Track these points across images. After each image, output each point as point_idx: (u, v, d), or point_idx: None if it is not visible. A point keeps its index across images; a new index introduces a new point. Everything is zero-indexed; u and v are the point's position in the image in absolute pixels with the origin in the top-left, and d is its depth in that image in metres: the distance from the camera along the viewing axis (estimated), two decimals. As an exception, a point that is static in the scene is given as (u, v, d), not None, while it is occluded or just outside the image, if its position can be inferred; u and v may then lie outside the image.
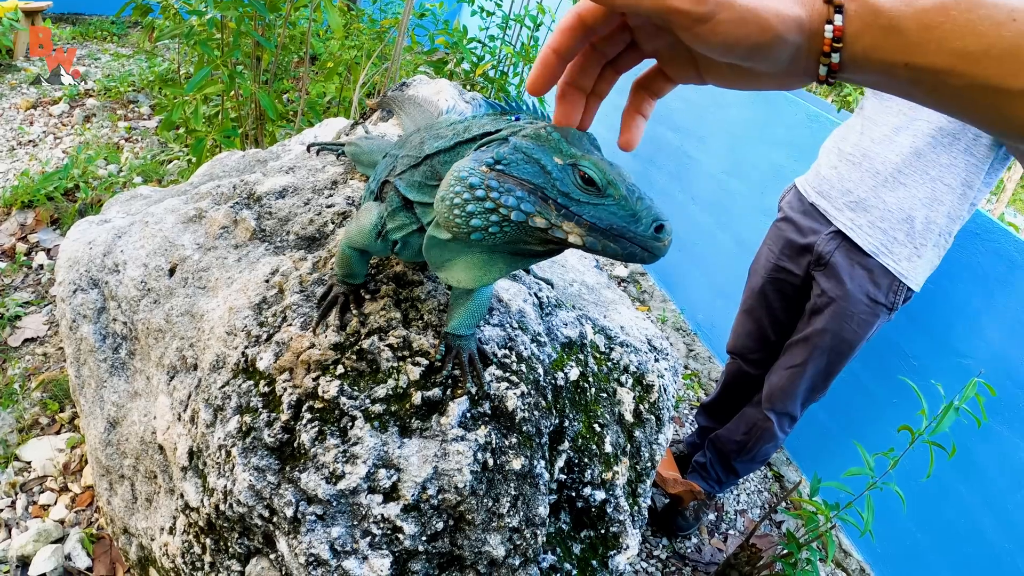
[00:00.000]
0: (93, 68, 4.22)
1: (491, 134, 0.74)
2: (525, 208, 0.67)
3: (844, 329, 1.81)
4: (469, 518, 0.94)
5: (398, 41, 2.41)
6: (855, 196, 1.77)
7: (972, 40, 0.44)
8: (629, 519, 1.23)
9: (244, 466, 1.00)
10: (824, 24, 0.49)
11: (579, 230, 0.66)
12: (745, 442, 2.07)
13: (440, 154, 0.81)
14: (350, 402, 0.94)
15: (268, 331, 1.06)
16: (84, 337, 1.57)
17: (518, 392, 0.98)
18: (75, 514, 1.85)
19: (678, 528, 2.19)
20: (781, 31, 0.49)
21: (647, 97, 0.63)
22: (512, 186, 0.68)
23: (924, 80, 0.47)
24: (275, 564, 1.06)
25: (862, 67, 0.50)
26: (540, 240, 0.69)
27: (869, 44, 0.48)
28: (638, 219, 0.64)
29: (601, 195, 0.65)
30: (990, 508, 1.95)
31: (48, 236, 2.78)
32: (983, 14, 0.44)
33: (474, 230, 0.69)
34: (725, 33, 0.49)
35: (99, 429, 1.57)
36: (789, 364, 1.94)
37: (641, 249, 0.64)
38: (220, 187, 1.44)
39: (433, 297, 1.03)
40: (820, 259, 1.85)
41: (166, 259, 1.39)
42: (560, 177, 0.66)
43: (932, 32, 0.46)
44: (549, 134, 0.68)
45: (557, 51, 0.56)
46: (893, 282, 1.75)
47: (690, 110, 3.32)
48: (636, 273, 3.63)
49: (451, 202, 0.70)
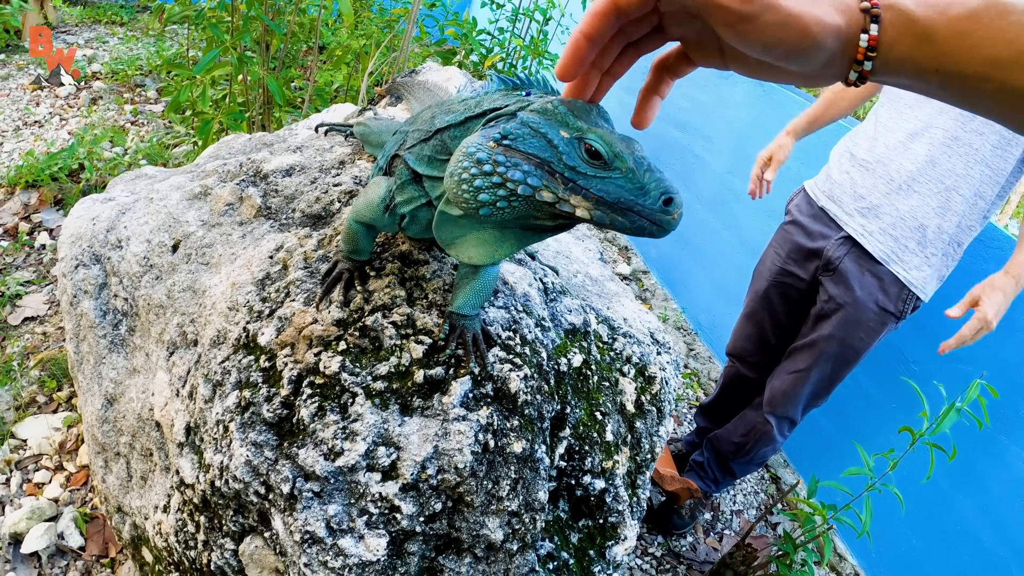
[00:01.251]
0: (101, 51, 4.22)
1: (501, 109, 0.74)
2: (532, 182, 0.66)
3: (851, 336, 1.78)
4: (468, 500, 0.93)
5: (407, 31, 2.40)
6: (867, 202, 1.75)
7: (1003, 47, 0.45)
8: (628, 510, 1.22)
9: (242, 441, 0.99)
10: (860, 33, 0.49)
11: (586, 204, 0.65)
12: (743, 444, 2.06)
13: (450, 128, 0.80)
14: (351, 378, 0.93)
15: (271, 306, 1.05)
16: (84, 313, 1.56)
17: (521, 375, 0.97)
18: (69, 493, 1.84)
19: (674, 527, 2.18)
20: (820, 38, 0.49)
21: (667, 78, 0.62)
22: (519, 160, 0.67)
23: (954, 85, 0.48)
24: (269, 543, 1.05)
25: (894, 72, 0.51)
26: (549, 215, 0.68)
27: (903, 52, 0.49)
28: (646, 192, 0.63)
29: (608, 168, 0.65)
30: (987, 516, 1.94)
31: (51, 216, 2.77)
32: (1013, 20, 0.45)
33: (482, 205, 0.69)
34: (767, 35, 0.49)
35: (96, 406, 1.56)
36: (792, 369, 1.92)
37: (649, 223, 0.63)
38: (226, 165, 1.44)
39: (439, 276, 1.02)
40: (829, 264, 1.82)
41: (170, 235, 1.38)
42: (566, 151, 0.66)
43: (964, 40, 0.46)
44: (556, 108, 0.67)
45: (589, 36, 0.56)
46: (903, 290, 1.73)
47: (696, 109, 3.31)
48: (639, 271, 3.63)
49: (459, 177, 0.70)
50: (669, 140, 3.50)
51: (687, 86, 3.37)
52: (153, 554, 1.43)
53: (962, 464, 1.98)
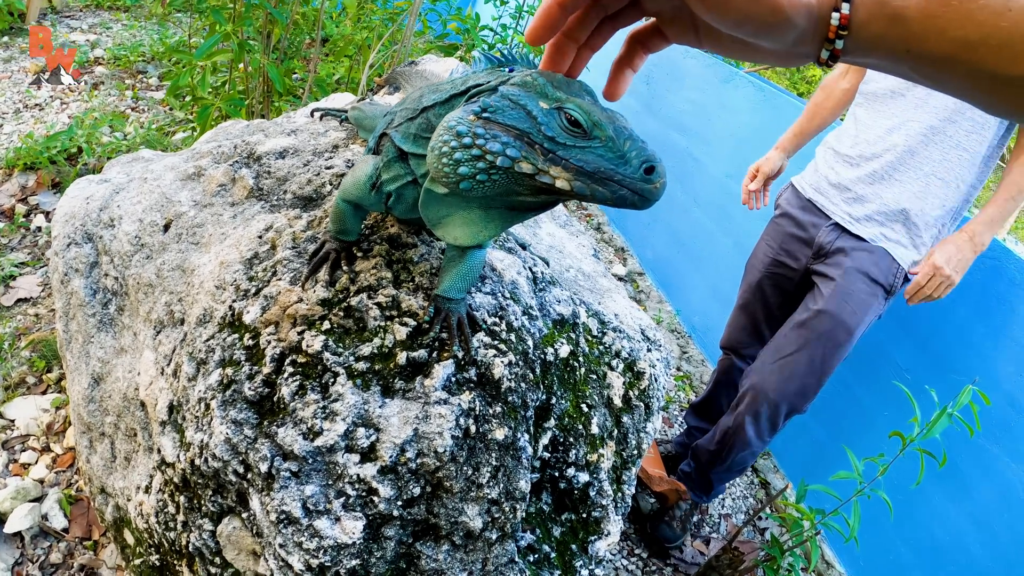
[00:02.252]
0: (104, 37, 4.21)
1: (483, 85, 0.73)
2: (511, 153, 0.66)
3: (842, 309, 1.77)
4: (447, 485, 0.92)
5: (409, 24, 2.40)
6: (852, 193, 1.83)
7: (972, 29, 0.46)
8: (612, 505, 1.21)
9: (222, 419, 0.98)
10: (831, 11, 0.50)
11: (566, 175, 0.64)
12: (719, 451, 2.01)
13: (435, 107, 0.80)
14: (334, 358, 0.92)
15: (257, 285, 1.04)
16: (75, 291, 1.55)
17: (506, 361, 0.96)
18: (55, 474, 1.83)
19: (664, 539, 2.12)
20: (790, 14, 0.50)
21: (640, 52, 0.62)
22: (498, 132, 0.67)
23: (925, 66, 0.49)
24: (247, 524, 1.05)
25: (865, 52, 0.51)
26: (531, 188, 0.67)
27: (874, 32, 0.50)
28: (626, 160, 0.62)
29: (587, 137, 0.64)
30: (976, 525, 1.93)
31: (48, 199, 2.77)
32: (982, 4, 0.46)
33: (462, 179, 0.68)
34: (737, 11, 0.50)
35: (83, 385, 1.55)
36: (779, 356, 1.85)
37: (630, 192, 0.62)
38: (221, 147, 1.43)
39: (426, 260, 1.01)
40: (821, 250, 1.87)
41: (162, 215, 1.37)
42: (545, 121, 0.65)
43: (934, 21, 0.47)
44: (535, 79, 0.67)
45: (562, 3, 0.56)
46: (892, 263, 1.77)
47: (697, 112, 3.31)
48: (634, 273, 3.62)
49: (439, 151, 0.69)
50: (669, 142, 3.50)
51: (689, 89, 3.38)
52: (134, 536, 1.43)
53: (952, 473, 1.97)
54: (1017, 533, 1.83)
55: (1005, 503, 1.86)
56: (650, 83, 3.64)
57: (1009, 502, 1.85)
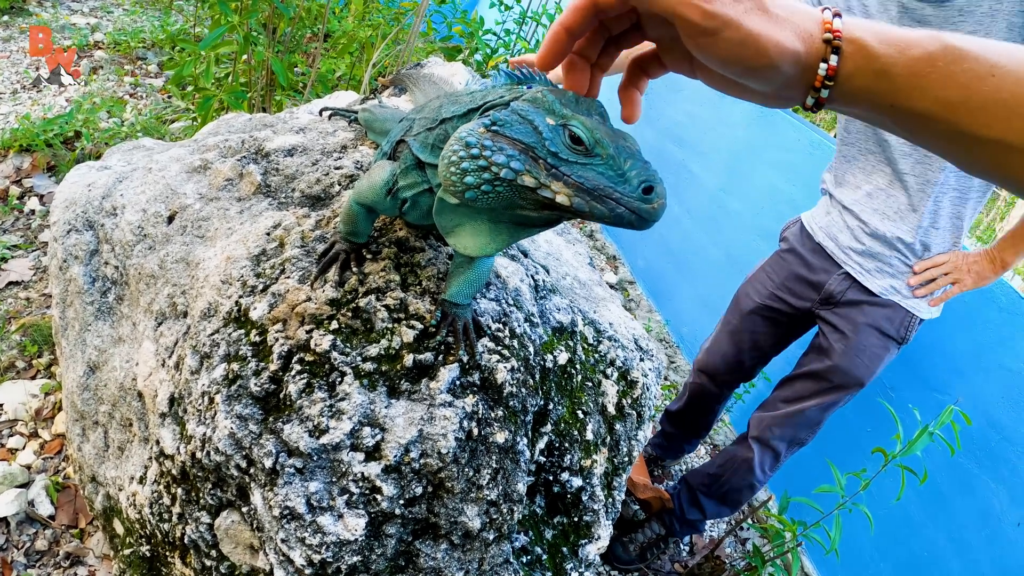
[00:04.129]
0: (105, 20, 4.18)
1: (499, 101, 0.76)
2: (514, 166, 0.68)
3: (854, 364, 1.77)
4: (448, 486, 0.94)
5: (415, 25, 2.41)
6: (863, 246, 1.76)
7: (954, 91, 0.49)
8: (603, 510, 1.23)
9: (227, 413, 0.99)
10: (819, 61, 0.52)
11: (567, 190, 0.66)
12: (719, 475, 2.01)
13: (454, 119, 0.82)
14: (341, 358, 0.94)
15: (265, 282, 1.06)
16: (73, 278, 1.55)
17: (508, 367, 0.98)
18: (43, 460, 1.82)
19: (615, 558, 2.10)
20: (777, 61, 0.52)
21: (642, 76, 0.65)
22: (504, 145, 0.69)
23: (906, 121, 0.52)
24: (246, 518, 1.06)
25: (849, 103, 0.54)
26: (533, 203, 0.69)
27: (860, 85, 0.52)
28: (625, 179, 0.64)
29: (589, 155, 0.66)
30: (955, 544, 1.96)
31: (43, 182, 2.75)
32: (966, 67, 0.48)
33: (467, 188, 0.70)
34: (725, 51, 0.52)
35: (78, 373, 1.55)
36: (788, 397, 1.89)
37: (628, 211, 0.64)
38: (228, 141, 1.44)
39: (433, 264, 1.03)
40: (831, 298, 1.81)
41: (166, 206, 1.38)
42: (550, 137, 0.67)
43: (919, 80, 0.49)
44: (544, 96, 0.69)
45: (568, 28, 0.58)
46: (906, 316, 1.74)
47: (695, 125, 3.35)
48: (625, 281, 3.66)
49: (448, 160, 0.72)
50: (666, 154, 3.54)
51: (688, 103, 3.41)
52: (125, 526, 1.43)
53: (932, 492, 2.01)
54: (994, 552, 1.87)
55: (983, 522, 1.90)
56: (648, 93, 3.66)
57: (987, 521, 1.89)
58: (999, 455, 1.89)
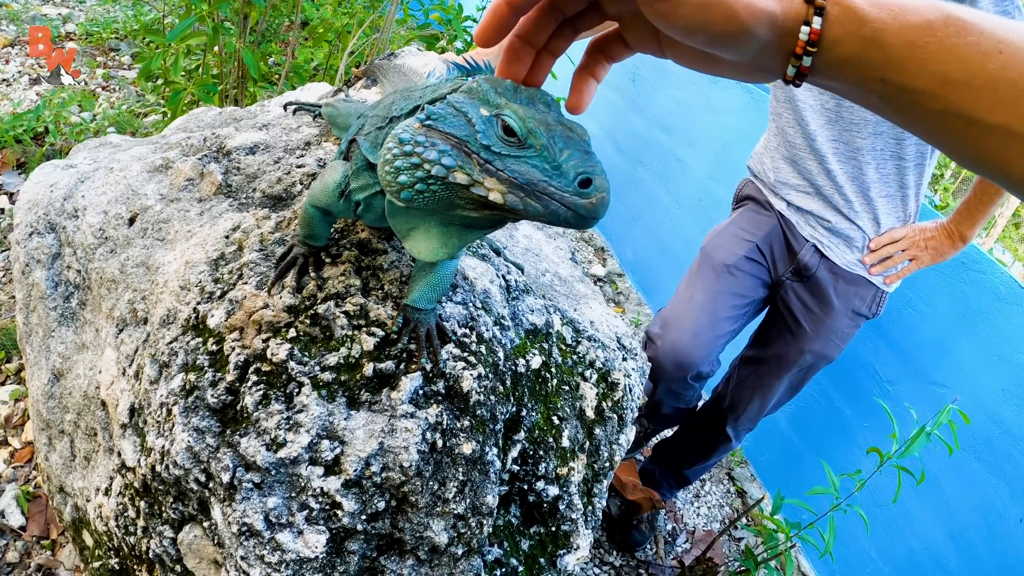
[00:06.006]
0: (77, 11, 4.08)
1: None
2: (446, 162, 0.62)
3: (828, 346, 1.75)
4: (412, 500, 0.90)
5: (390, 12, 2.35)
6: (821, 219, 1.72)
7: (955, 66, 0.42)
8: (582, 519, 1.19)
9: (184, 426, 0.95)
10: (800, 25, 0.46)
11: (500, 187, 0.60)
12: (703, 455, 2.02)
13: (402, 117, 0.77)
14: (299, 367, 0.90)
15: (223, 288, 1.01)
16: (36, 283, 1.50)
17: (475, 374, 0.94)
18: (13, 469, 1.78)
19: (634, 542, 2.12)
20: (748, 23, 0.45)
21: (603, 60, 0.59)
22: (437, 140, 0.64)
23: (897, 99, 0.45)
24: (208, 533, 1.02)
25: (834, 75, 0.47)
26: (470, 201, 0.64)
27: (847, 53, 0.45)
28: (561, 172, 0.58)
29: (522, 146, 0.60)
30: (954, 540, 1.93)
31: (12, 180, 2.68)
32: (971, 41, 0.42)
33: (402, 188, 0.66)
34: (687, 16, 0.46)
35: (43, 381, 1.50)
36: (760, 384, 1.85)
37: (563, 207, 0.58)
38: (190, 139, 1.39)
39: (396, 268, 0.99)
40: (805, 271, 1.74)
41: (127, 208, 1.33)
42: (483, 129, 0.62)
43: (915, 51, 0.43)
44: (480, 86, 0.64)
45: (511, 3, 0.52)
46: (876, 292, 1.72)
47: (683, 112, 3.29)
48: (614, 274, 3.61)
49: (384, 159, 0.67)
50: (653, 142, 3.48)
51: (675, 88, 3.35)
52: (94, 538, 1.39)
53: (931, 487, 1.96)
54: (994, 547, 1.84)
55: (983, 518, 1.87)
56: (636, 80, 3.61)
57: (987, 517, 1.86)
58: (1000, 450, 1.85)
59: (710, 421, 1.98)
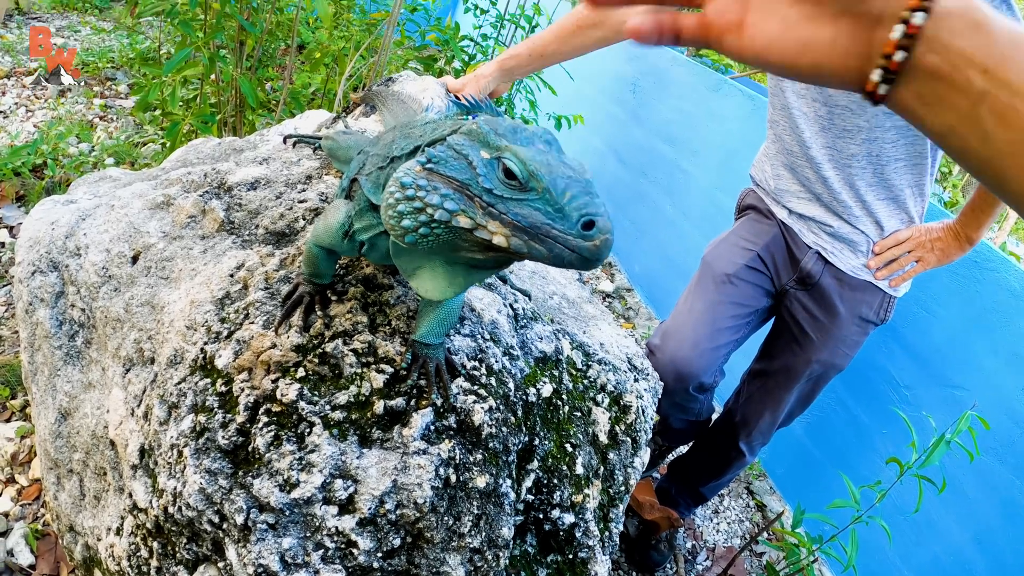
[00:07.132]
0: (72, 41, 4.10)
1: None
2: (448, 207, 0.62)
3: (836, 355, 1.72)
4: (428, 536, 0.90)
5: (387, 34, 2.36)
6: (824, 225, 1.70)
7: None
8: (599, 545, 1.19)
9: (195, 468, 0.95)
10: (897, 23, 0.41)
11: (504, 230, 0.60)
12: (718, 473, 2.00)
13: (403, 157, 0.77)
14: (309, 407, 0.89)
15: (229, 328, 1.01)
16: (40, 322, 1.50)
17: (486, 407, 0.94)
18: (21, 507, 1.77)
19: (654, 563, 2.09)
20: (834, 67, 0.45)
21: None
22: (439, 184, 0.64)
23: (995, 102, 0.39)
24: (223, 573, 1.01)
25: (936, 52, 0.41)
26: (475, 244, 0.64)
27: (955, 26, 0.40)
28: (563, 214, 0.58)
29: (524, 189, 0.59)
30: (980, 545, 1.89)
31: (12, 213, 2.68)
32: None
33: (405, 232, 0.66)
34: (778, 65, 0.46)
35: (50, 420, 1.50)
36: (770, 399, 1.83)
37: (567, 250, 0.57)
38: (191, 174, 1.39)
39: (402, 303, 0.99)
40: (808, 278, 1.71)
41: (130, 246, 1.33)
42: (484, 172, 0.62)
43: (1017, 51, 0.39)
44: (480, 128, 0.64)
45: None
46: (884, 298, 1.68)
47: (685, 122, 3.27)
48: (622, 289, 3.60)
49: (386, 203, 0.67)
50: (656, 153, 3.47)
51: (676, 98, 3.34)
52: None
53: (954, 492, 1.92)
54: (1020, 551, 1.80)
55: (1009, 520, 1.83)
56: (636, 91, 3.61)
57: (1013, 519, 1.82)
58: (1021, 450, 1.81)
59: (723, 437, 1.95)
